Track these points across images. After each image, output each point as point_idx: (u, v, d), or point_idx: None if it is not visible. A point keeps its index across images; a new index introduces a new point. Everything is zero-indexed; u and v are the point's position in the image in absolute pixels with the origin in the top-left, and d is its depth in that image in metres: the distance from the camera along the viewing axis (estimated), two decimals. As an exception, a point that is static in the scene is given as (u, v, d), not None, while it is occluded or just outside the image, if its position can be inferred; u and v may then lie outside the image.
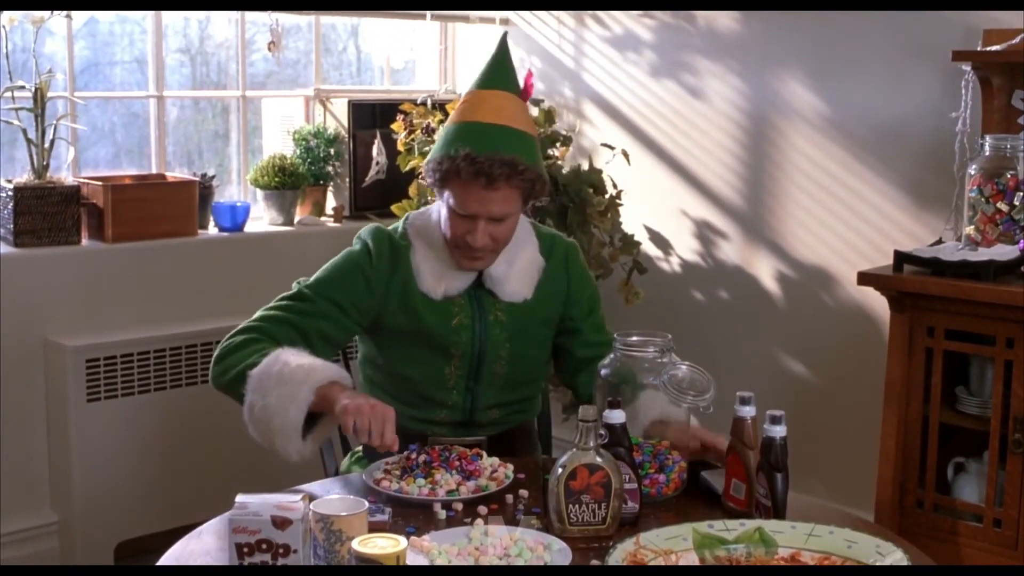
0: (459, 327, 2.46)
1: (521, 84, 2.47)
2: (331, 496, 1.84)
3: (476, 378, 2.50)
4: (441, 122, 4.05)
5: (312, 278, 2.52)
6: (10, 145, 3.76)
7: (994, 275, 3.04)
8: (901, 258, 3.21)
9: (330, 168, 4.38)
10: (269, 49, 4.16)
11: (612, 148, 4.21)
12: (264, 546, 1.70)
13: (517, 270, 2.50)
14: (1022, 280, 3.05)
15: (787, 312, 4.06)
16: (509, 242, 2.46)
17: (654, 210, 4.35)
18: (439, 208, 2.46)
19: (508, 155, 2.32)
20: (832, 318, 3.93)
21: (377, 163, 4.34)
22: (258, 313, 2.47)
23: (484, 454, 2.28)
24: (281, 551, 1.70)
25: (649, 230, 4.38)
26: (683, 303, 4.32)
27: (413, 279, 2.46)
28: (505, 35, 2.51)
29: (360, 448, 2.64)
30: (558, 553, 1.85)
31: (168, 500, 3.69)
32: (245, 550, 1.70)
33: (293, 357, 2.28)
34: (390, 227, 2.54)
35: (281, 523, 1.70)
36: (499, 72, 2.45)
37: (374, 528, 1.83)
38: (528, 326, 2.53)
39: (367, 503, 1.81)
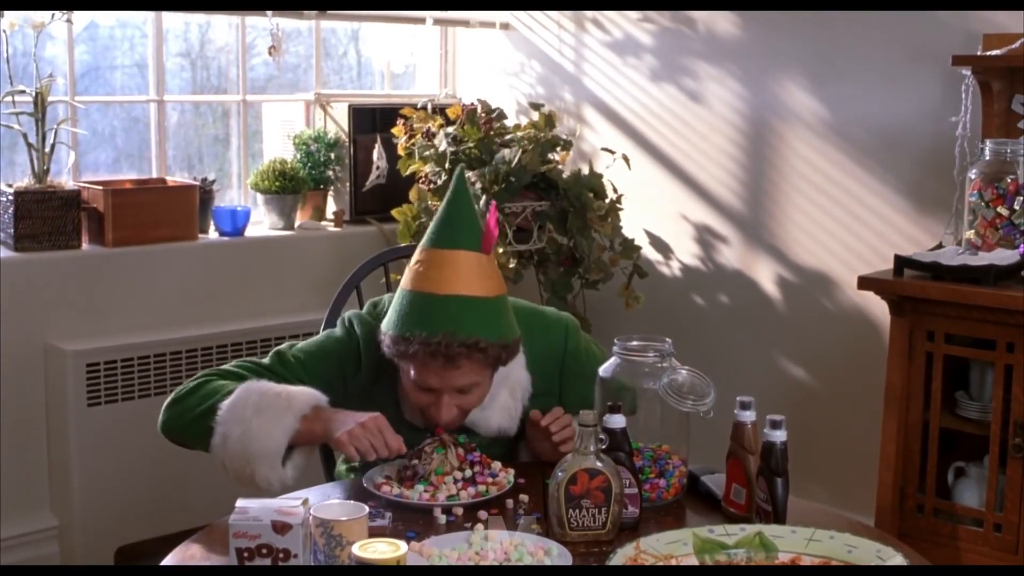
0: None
1: (484, 228, 2.20)
2: (331, 501, 1.84)
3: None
4: (442, 126, 4.06)
5: (294, 348, 2.37)
6: (10, 149, 3.76)
7: (994, 279, 3.04)
8: (901, 262, 3.21)
9: (330, 172, 4.38)
10: (270, 53, 4.17)
11: (612, 152, 4.21)
12: (264, 551, 1.70)
13: (498, 408, 2.34)
14: (1022, 285, 3.05)
15: (787, 316, 4.06)
16: (478, 405, 2.28)
17: (654, 214, 4.35)
18: (405, 387, 2.27)
19: (466, 336, 2.13)
20: (832, 322, 3.93)
21: (377, 167, 4.34)
22: (230, 365, 2.35)
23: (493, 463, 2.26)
24: (281, 556, 1.70)
25: (649, 234, 4.38)
26: (683, 307, 4.32)
27: (392, 397, 2.33)
28: (462, 172, 2.25)
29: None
30: (558, 558, 1.85)
31: (168, 505, 3.68)
32: (245, 555, 1.70)
33: (268, 386, 2.20)
34: (375, 315, 2.36)
35: (281, 528, 1.70)
36: (456, 225, 2.20)
37: (374, 533, 1.83)
38: (510, 437, 2.41)
39: (367, 508, 1.81)
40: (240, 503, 1.75)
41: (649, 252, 4.38)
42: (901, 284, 3.17)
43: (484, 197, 3.84)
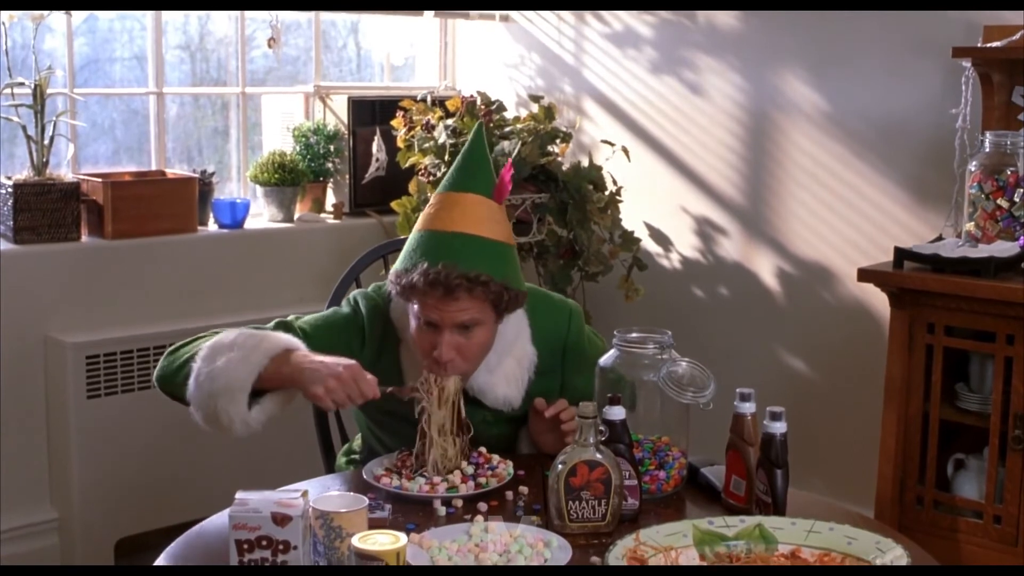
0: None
1: (498, 180, 2.26)
2: (331, 492, 1.84)
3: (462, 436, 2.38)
4: (441, 118, 4.05)
5: (300, 320, 2.36)
6: (10, 142, 3.76)
7: (994, 271, 3.04)
8: (901, 255, 3.21)
9: (330, 165, 4.37)
10: (269, 46, 4.16)
11: (612, 145, 4.21)
12: (264, 543, 1.70)
13: (501, 377, 2.34)
14: (1022, 277, 3.04)
15: (787, 309, 4.06)
16: (482, 356, 2.28)
17: (654, 207, 4.35)
18: (412, 333, 2.28)
19: (466, 268, 2.15)
20: (832, 315, 3.93)
21: (377, 160, 4.33)
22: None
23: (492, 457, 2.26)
24: (281, 547, 1.70)
25: (649, 227, 4.38)
26: (683, 300, 4.32)
27: (396, 372, 2.33)
28: (480, 127, 2.31)
29: (356, 444, 2.63)
30: (558, 550, 1.85)
31: (168, 497, 3.68)
32: (245, 546, 1.70)
33: (246, 330, 2.19)
34: (380, 294, 2.38)
35: (281, 519, 1.70)
36: (470, 171, 2.26)
37: (374, 525, 1.83)
38: (516, 414, 2.40)
39: (367, 500, 1.81)
40: (240, 495, 1.75)
41: (649, 244, 4.38)
42: (901, 276, 3.17)
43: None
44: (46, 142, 3.63)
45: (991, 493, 3.09)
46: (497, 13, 4.68)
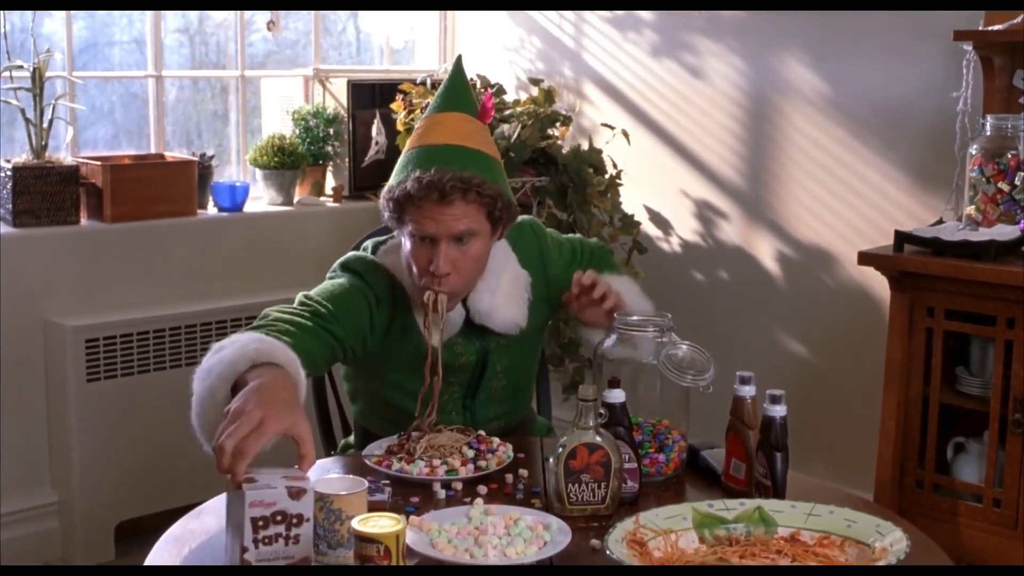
0: (462, 366, 2.37)
1: (480, 105, 2.33)
2: (331, 476, 1.84)
3: (473, 396, 2.45)
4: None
5: (319, 299, 2.30)
6: (9, 125, 3.75)
7: (995, 255, 3.03)
8: (902, 238, 3.20)
9: (329, 148, 4.37)
10: (268, 29, 4.15)
11: (612, 128, 4.20)
12: (279, 518, 1.69)
13: (503, 297, 2.37)
14: (1023, 260, 3.04)
15: (787, 292, 4.06)
16: (478, 272, 2.31)
17: (654, 190, 4.34)
18: (406, 256, 2.29)
19: (460, 170, 2.18)
20: (832, 298, 3.93)
21: (376, 143, 4.33)
22: (273, 311, 2.25)
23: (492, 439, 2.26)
24: (295, 521, 1.70)
25: (649, 210, 4.37)
26: (683, 283, 4.32)
27: (414, 325, 2.33)
28: (460, 58, 2.38)
29: (351, 439, 2.63)
30: (557, 532, 1.85)
31: (168, 480, 3.69)
32: (260, 523, 1.70)
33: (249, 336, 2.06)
34: (371, 258, 2.38)
35: (296, 493, 1.70)
36: (454, 94, 2.32)
37: (374, 507, 1.83)
38: (525, 344, 2.46)
39: (367, 482, 1.81)
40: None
41: (649, 228, 4.37)
42: (901, 260, 3.17)
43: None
44: (45, 125, 3.63)
45: (991, 477, 3.10)
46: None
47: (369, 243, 2.46)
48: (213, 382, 1.97)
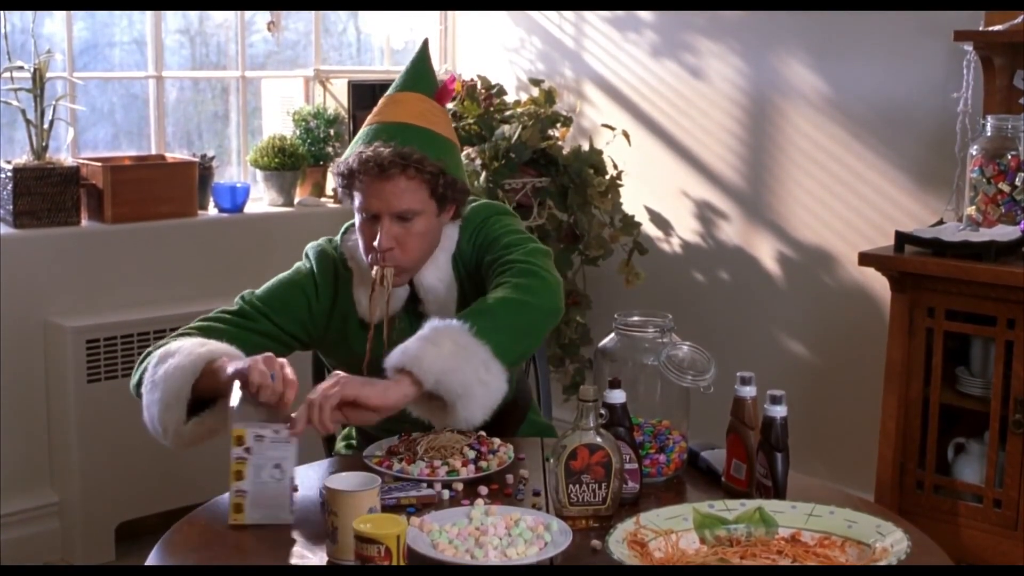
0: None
1: (441, 86, 2.39)
2: (344, 474, 1.84)
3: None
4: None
5: (256, 294, 2.41)
6: (9, 126, 3.75)
7: (995, 256, 3.03)
8: (902, 239, 3.21)
9: (330, 149, 4.37)
10: (269, 29, 4.15)
11: (613, 129, 4.20)
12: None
13: (446, 277, 2.36)
14: (1023, 261, 3.04)
15: (788, 293, 4.06)
16: (424, 249, 2.31)
17: (655, 191, 4.34)
18: (357, 231, 2.34)
19: (400, 146, 2.22)
20: (833, 299, 3.93)
21: (377, 144, 4.32)
22: (194, 322, 2.39)
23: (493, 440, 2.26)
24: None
25: (650, 211, 4.37)
26: (684, 284, 4.32)
27: (353, 309, 2.36)
28: (426, 41, 2.44)
29: (353, 430, 2.62)
30: (558, 533, 1.85)
31: (168, 481, 3.69)
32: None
33: (193, 340, 2.24)
34: (332, 244, 2.44)
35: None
36: (413, 75, 2.38)
37: (424, 503, 1.92)
38: None
39: (379, 480, 1.82)
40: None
41: (649, 228, 4.37)
42: (902, 260, 3.17)
43: (484, 173, 3.84)
44: (45, 126, 3.63)
45: (991, 477, 3.10)
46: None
47: (347, 223, 2.49)
48: (177, 383, 2.16)
